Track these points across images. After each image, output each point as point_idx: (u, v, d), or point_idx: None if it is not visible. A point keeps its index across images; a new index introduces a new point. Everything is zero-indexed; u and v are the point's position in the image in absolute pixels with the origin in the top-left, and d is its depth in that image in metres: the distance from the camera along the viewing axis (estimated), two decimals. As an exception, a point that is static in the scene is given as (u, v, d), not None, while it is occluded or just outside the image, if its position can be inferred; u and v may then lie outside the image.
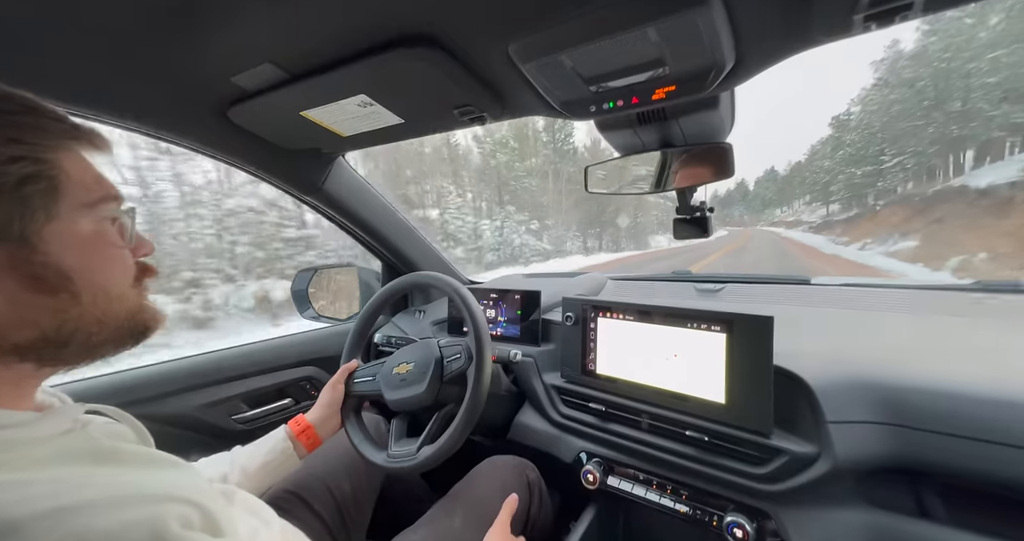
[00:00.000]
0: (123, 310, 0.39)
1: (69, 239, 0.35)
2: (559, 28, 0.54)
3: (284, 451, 0.77)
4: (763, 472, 0.73)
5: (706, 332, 0.82)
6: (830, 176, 78.35)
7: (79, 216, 0.36)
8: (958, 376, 0.67)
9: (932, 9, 0.47)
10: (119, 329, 0.39)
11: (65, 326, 0.35)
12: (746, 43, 0.57)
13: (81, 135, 0.38)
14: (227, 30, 0.59)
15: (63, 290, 0.35)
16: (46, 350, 0.35)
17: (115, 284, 0.39)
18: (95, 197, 0.38)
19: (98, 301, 0.37)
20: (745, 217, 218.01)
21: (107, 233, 0.39)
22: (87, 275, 0.36)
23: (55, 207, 0.34)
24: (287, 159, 1.02)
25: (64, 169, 0.35)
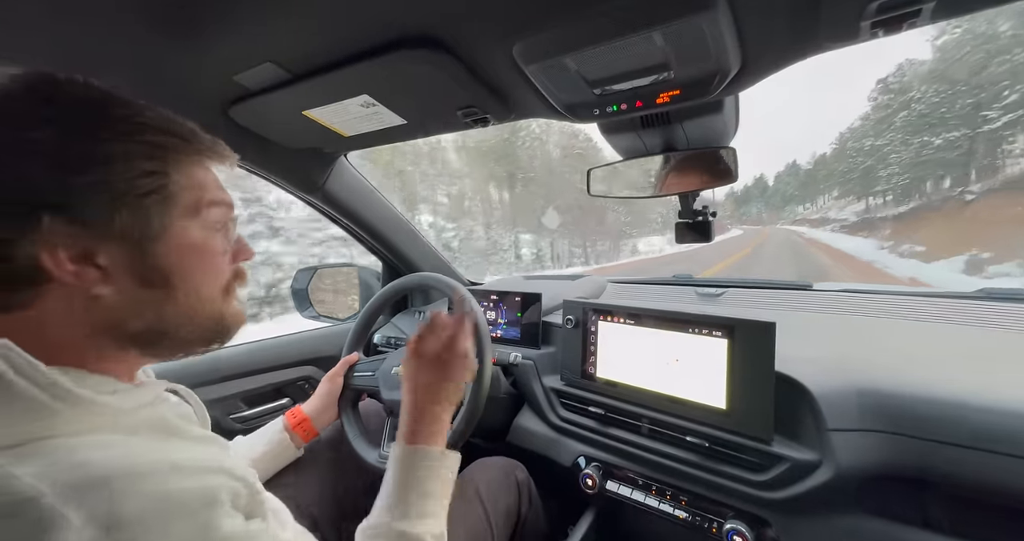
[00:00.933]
0: (210, 311, 0.43)
1: (176, 244, 0.39)
2: (564, 30, 0.54)
3: (281, 442, 0.79)
4: (763, 479, 0.73)
5: (707, 337, 0.81)
6: (874, 158, 62.97)
7: (189, 223, 0.40)
8: (962, 385, 0.67)
9: (940, 17, 0.47)
10: (206, 328, 0.43)
11: (163, 320, 0.40)
12: (751, 48, 0.56)
13: (204, 149, 0.42)
14: (229, 29, 0.59)
15: (163, 287, 0.39)
16: (148, 339, 0.40)
17: (207, 287, 0.42)
18: (204, 205, 0.41)
19: (190, 300, 0.41)
20: (764, 215, 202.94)
21: (211, 240, 0.42)
22: (185, 277, 0.40)
23: (170, 215, 0.38)
24: (289, 158, 1.01)
25: (182, 182, 0.39)
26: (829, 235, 46.06)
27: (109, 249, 0.36)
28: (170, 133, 0.39)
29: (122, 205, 0.35)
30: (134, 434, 0.36)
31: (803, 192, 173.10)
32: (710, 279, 1.40)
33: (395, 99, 0.73)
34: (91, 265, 0.35)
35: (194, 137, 0.41)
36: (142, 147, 0.37)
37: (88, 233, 0.35)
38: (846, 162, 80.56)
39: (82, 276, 0.35)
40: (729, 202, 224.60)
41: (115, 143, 0.35)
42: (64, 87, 0.36)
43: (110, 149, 0.35)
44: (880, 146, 61.88)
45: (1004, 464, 0.58)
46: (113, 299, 0.36)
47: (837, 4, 0.47)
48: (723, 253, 25.27)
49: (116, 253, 0.36)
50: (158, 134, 0.38)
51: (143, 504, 0.30)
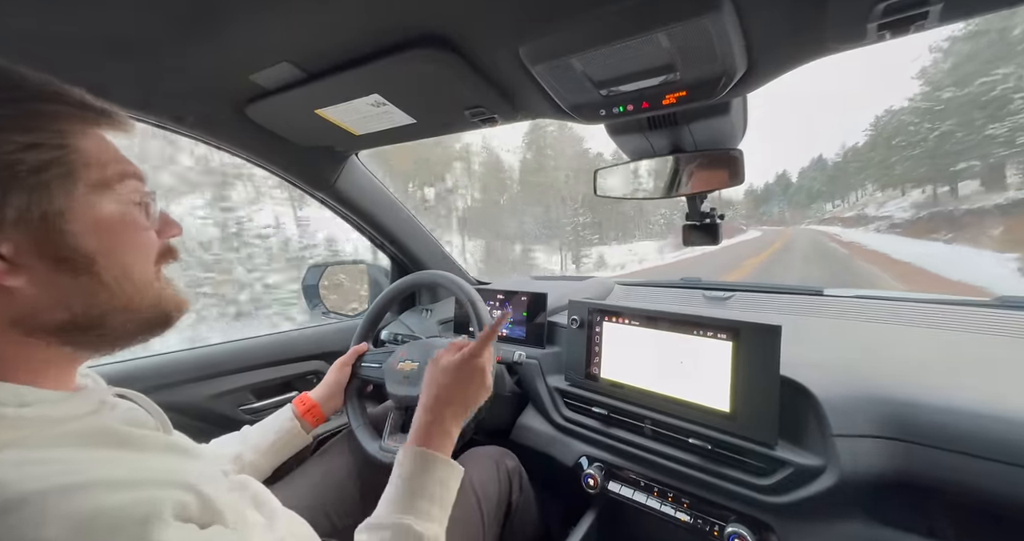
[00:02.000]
0: (147, 296, 0.40)
1: (91, 220, 0.36)
2: (570, 32, 0.54)
3: (291, 430, 0.81)
4: (766, 483, 0.72)
5: (712, 340, 0.81)
6: (935, 139, 48.90)
7: (100, 197, 0.37)
8: (971, 393, 0.65)
9: (948, 19, 0.47)
10: (145, 315, 0.40)
11: (93, 309, 0.36)
12: (758, 50, 0.57)
13: (100, 117, 0.38)
14: (248, 29, 0.61)
15: (87, 271, 0.36)
16: (79, 333, 0.37)
17: (138, 266, 0.39)
18: (113, 177, 0.38)
19: (122, 284, 0.38)
20: (786, 214, 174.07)
21: (130, 214, 0.39)
22: (109, 256, 0.37)
23: (74, 190, 0.35)
24: (301, 156, 1.04)
25: (82, 152, 0.36)
26: (876, 237, 32.73)
27: (9, 235, 0.32)
28: (59, 100, 0.35)
29: (12, 183, 0.32)
30: (59, 447, 0.32)
31: (832, 187, 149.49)
32: (718, 283, 1.40)
33: (404, 98, 0.75)
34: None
35: (86, 104, 0.37)
36: (26, 116, 0.33)
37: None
38: (883, 154, 67.64)
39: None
40: (747, 201, 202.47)
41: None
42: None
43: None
44: (930, 131, 50.31)
45: (1013, 475, 0.57)
46: (29, 291, 0.33)
47: (843, 6, 0.47)
48: (719, 267, 18.11)
49: (19, 238, 0.32)
50: (45, 102, 0.35)
51: (65, 526, 0.27)
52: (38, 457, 0.30)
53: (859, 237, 35.56)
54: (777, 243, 37.17)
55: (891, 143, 62.32)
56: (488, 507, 0.81)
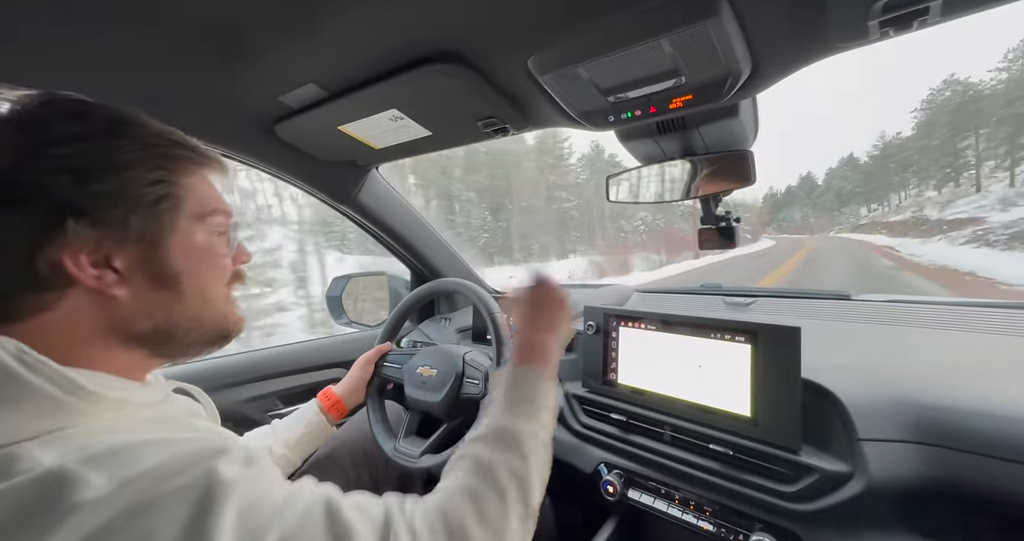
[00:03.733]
0: (215, 311, 0.46)
1: (185, 245, 0.43)
2: (575, 42, 0.57)
3: (319, 424, 0.86)
4: (792, 490, 0.70)
5: (731, 343, 0.80)
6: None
7: (195, 227, 0.44)
8: (1006, 396, 0.62)
9: (950, 15, 0.47)
10: (209, 329, 0.46)
11: (171, 320, 0.43)
12: (761, 52, 0.58)
13: (207, 161, 0.46)
14: (276, 54, 0.66)
15: (172, 288, 0.42)
16: (156, 340, 0.43)
17: (212, 286, 0.46)
18: (207, 211, 0.45)
19: (197, 301, 0.44)
20: (811, 220, 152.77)
21: (214, 242, 0.46)
22: (192, 276, 0.43)
23: (178, 220, 0.42)
24: (325, 171, 1.09)
25: (189, 189, 0.43)
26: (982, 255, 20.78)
27: (125, 252, 0.39)
28: (177, 145, 0.43)
29: (136, 210, 0.39)
30: (143, 424, 0.39)
31: (867, 188, 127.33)
32: (739, 288, 1.37)
33: (421, 112, 0.79)
34: (109, 268, 0.38)
35: (198, 150, 0.45)
36: (154, 158, 0.41)
37: (107, 237, 0.38)
38: (945, 133, 54.15)
39: (102, 278, 0.38)
40: (766, 206, 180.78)
41: (131, 154, 0.39)
42: (89, 107, 0.40)
43: (126, 159, 0.39)
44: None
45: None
46: (127, 300, 0.39)
47: (842, 5, 0.48)
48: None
49: (131, 256, 0.39)
50: (168, 147, 0.42)
51: (152, 462, 0.32)
52: (131, 427, 0.37)
53: (938, 252, 22.31)
54: (793, 259, 25.35)
55: (957, 121, 48.27)
56: None
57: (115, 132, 0.39)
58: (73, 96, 0.40)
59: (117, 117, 0.40)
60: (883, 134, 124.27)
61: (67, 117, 0.38)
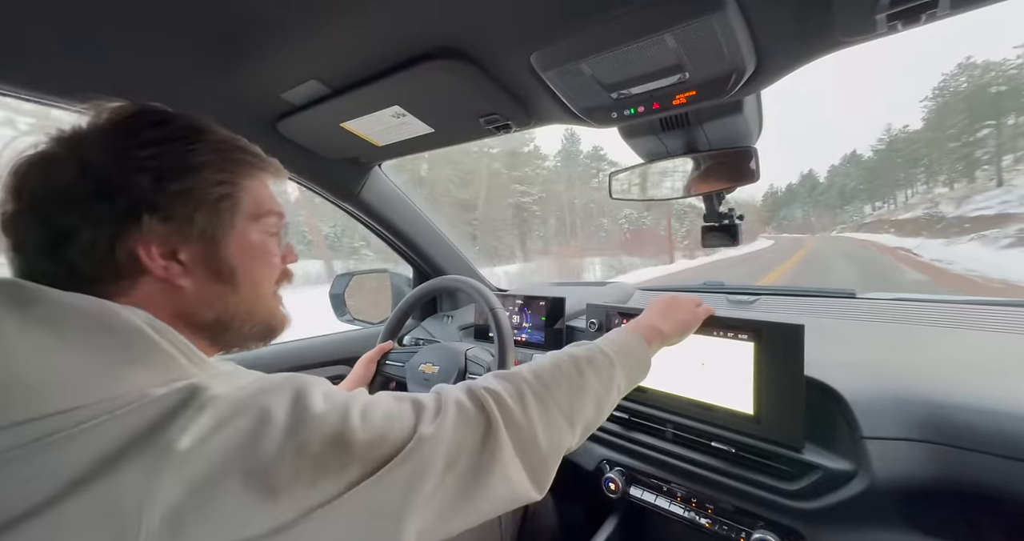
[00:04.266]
0: (264, 307, 0.50)
1: (242, 243, 0.46)
2: (578, 37, 0.56)
3: None
4: (794, 488, 0.70)
5: (733, 341, 0.80)
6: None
7: (251, 226, 0.47)
8: (1012, 395, 0.62)
9: (959, 8, 0.46)
10: (259, 322, 0.49)
11: (227, 311, 0.46)
12: (766, 47, 0.57)
13: (266, 167, 0.49)
14: (278, 51, 0.66)
15: (229, 282, 0.45)
16: (216, 329, 0.46)
17: (263, 283, 0.49)
18: (263, 213, 0.48)
19: (249, 295, 0.47)
20: (812, 218, 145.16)
21: (267, 242, 0.49)
22: (247, 272, 0.46)
23: (236, 218, 0.45)
24: (328, 169, 1.09)
25: (249, 191, 0.46)
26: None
27: (190, 246, 0.42)
28: (240, 150, 0.47)
29: (201, 208, 0.42)
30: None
31: (871, 185, 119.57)
32: (743, 286, 1.36)
33: (423, 108, 0.79)
34: (175, 260, 0.42)
35: (257, 156, 0.49)
36: (221, 161, 0.44)
37: (175, 232, 0.41)
38: (963, 120, 49.80)
39: (169, 269, 0.41)
40: (766, 205, 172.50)
41: (202, 157, 0.43)
42: (170, 116, 0.44)
43: (198, 161, 0.43)
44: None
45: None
46: (191, 290, 0.43)
47: None
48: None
49: (195, 250, 0.43)
50: (232, 152, 0.46)
51: (255, 378, 0.38)
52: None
53: (974, 256, 17.21)
54: (784, 266, 20.75)
55: (975, 108, 41.53)
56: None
57: (190, 137, 0.43)
58: (159, 107, 0.44)
59: (193, 124, 0.44)
60: (889, 127, 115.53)
61: (152, 124, 0.42)
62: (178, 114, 0.44)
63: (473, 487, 0.42)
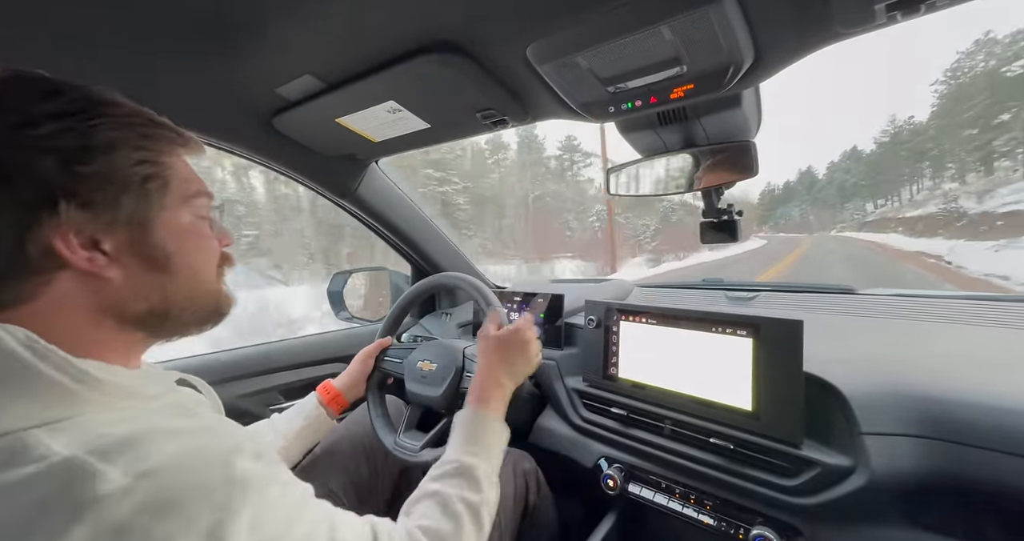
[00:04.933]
0: (206, 291, 0.47)
1: (173, 227, 0.43)
2: (574, 30, 0.56)
3: (319, 417, 0.85)
4: (793, 484, 0.70)
5: (732, 336, 0.79)
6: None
7: (181, 209, 0.44)
8: (1012, 390, 0.62)
9: None
10: (202, 308, 0.47)
11: (166, 301, 0.43)
12: (764, 39, 0.56)
13: (186, 142, 0.46)
14: (273, 46, 0.65)
15: (165, 269, 0.42)
16: (152, 321, 0.43)
17: (203, 268, 0.46)
18: (192, 193, 0.45)
19: (189, 281, 0.44)
20: (811, 217, 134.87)
21: (200, 225, 0.46)
22: (183, 258, 0.43)
23: (166, 200, 0.42)
24: (325, 165, 1.09)
25: (174, 169, 0.43)
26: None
27: (115, 233, 0.38)
28: (155, 124, 0.43)
29: (126, 191, 0.39)
30: (155, 413, 0.39)
31: (874, 180, 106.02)
32: (742, 283, 1.36)
33: (418, 104, 0.78)
34: (98, 250, 0.38)
35: (176, 131, 0.44)
36: (137, 138, 0.40)
37: (97, 218, 0.37)
38: (984, 101, 44.73)
39: (93, 261, 0.37)
40: (762, 203, 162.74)
41: (113, 133, 0.38)
42: (57, 85, 0.38)
43: (109, 139, 0.38)
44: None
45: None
46: (120, 282, 0.39)
47: None
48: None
49: (122, 237, 0.39)
50: (147, 126, 0.42)
51: (167, 455, 0.32)
52: (143, 415, 0.38)
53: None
54: (776, 268, 17.50)
55: (996, 87, 37.70)
56: (504, 508, 0.81)
57: (90, 111, 0.38)
58: (39, 74, 0.38)
59: (91, 96, 0.39)
60: (893, 118, 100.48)
61: (41, 96, 0.37)
62: (67, 83, 0.38)
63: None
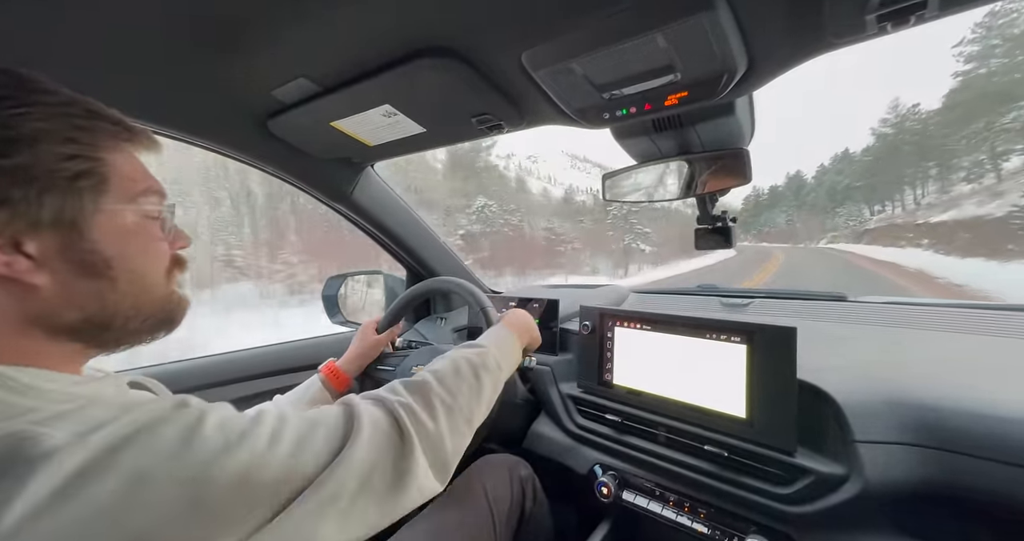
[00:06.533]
0: (155, 298, 0.43)
1: (113, 229, 0.39)
2: (569, 36, 0.56)
3: (325, 400, 0.86)
4: (787, 492, 0.69)
5: (726, 343, 0.79)
6: None
7: (124, 209, 0.40)
8: (1005, 398, 0.62)
9: (949, 9, 0.46)
10: (151, 316, 0.43)
11: (105, 310, 0.39)
12: (757, 47, 0.57)
13: (133, 136, 0.42)
14: (268, 48, 0.65)
15: (104, 275, 0.38)
16: (90, 331, 0.39)
17: (150, 273, 0.42)
18: (138, 192, 0.41)
19: (133, 288, 0.40)
20: (797, 225, 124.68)
21: (147, 226, 0.42)
22: (125, 262, 0.40)
23: (103, 199, 0.38)
24: (320, 169, 1.08)
25: (114, 166, 0.39)
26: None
27: (40, 235, 0.35)
28: (96, 116, 0.39)
29: (52, 188, 0.35)
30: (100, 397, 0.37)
31: (872, 180, 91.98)
32: (736, 289, 1.36)
33: (414, 108, 0.78)
34: (20, 253, 0.34)
35: (120, 123, 0.40)
36: (70, 129, 0.36)
37: (16, 218, 0.33)
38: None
39: (13, 265, 0.34)
40: (746, 208, 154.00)
41: (41, 123, 0.34)
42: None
43: (35, 129, 0.34)
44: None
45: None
46: (49, 289, 0.35)
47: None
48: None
49: (48, 240, 0.35)
50: (86, 117, 0.38)
51: (111, 412, 0.31)
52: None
53: None
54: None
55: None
56: (500, 515, 0.81)
57: (14, 98, 0.34)
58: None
59: (19, 81, 0.35)
60: (896, 103, 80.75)
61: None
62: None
63: (388, 500, 0.42)
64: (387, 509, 0.43)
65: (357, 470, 0.40)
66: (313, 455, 0.38)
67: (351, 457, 0.39)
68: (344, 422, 0.43)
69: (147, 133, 0.43)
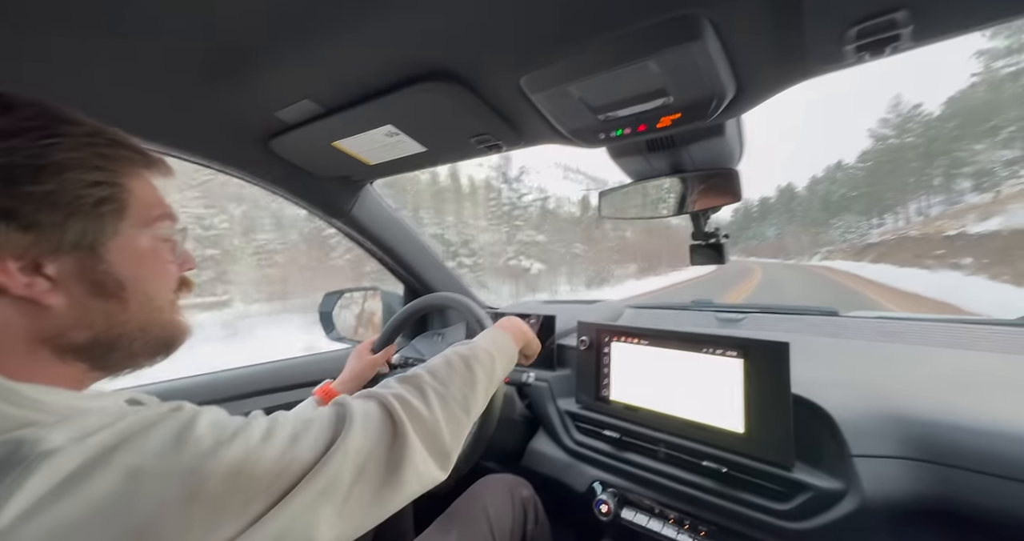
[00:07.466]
0: (160, 320, 0.44)
1: (129, 252, 0.40)
2: (566, 62, 0.59)
3: None
4: (786, 508, 0.69)
5: (723, 357, 0.80)
6: None
7: (139, 232, 0.42)
8: (1002, 413, 0.63)
9: (922, 41, 0.49)
10: (155, 338, 0.44)
11: (113, 330, 0.40)
12: (744, 74, 0.60)
13: (151, 163, 0.44)
14: (274, 71, 0.67)
15: (116, 296, 0.40)
16: (97, 352, 0.40)
17: (159, 295, 0.44)
18: (154, 217, 0.43)
19: (142, 309, 0.42)
20: (787, 238, 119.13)
21: (160, 249, 0.44)
22: (138, 284, 0.41)
23: (122, 224, 0.40)
24: (320, 186, 1.10)
25: (133, 192, 0.41)
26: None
27: (60, 258, 0.36)
28: (117, 145, 0.41)
29: (75, 213, 0.36)
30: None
31: (869, 189, 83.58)
32: (730, 305, 1.38)
33: (415, 128, 0.80)
34: (40, 275, 0.35)
35: (140, 151, 0.43)
36: (95, 158, 0.38)
37: (40, 242, 0.35)
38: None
39: (33, 286, 0.35)
40: (735, 222, 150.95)
41: (68, 153, 0.36)
42: (15, 102, 0.36)
43: (63, 158, 0.36)
44: None
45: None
46: (63, 309, 0.37)
47: (819, 31, 0.50)
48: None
49: (68, 262, 0.37)
50: (107, 146, 0.40)
51: (108, 419, 0.32)
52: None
53: None
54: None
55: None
56: (501, 536, 0.80)
57: (45, 129, 0.36)
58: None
59: (47, 112, 0.37)
60: (898, 100, 71.16)
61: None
62: (25, 99, 0.36)
63: (386, 488, 0.43)
64: (385, 497, 0.43)
65: (352, 459, 0.40)
66: (307, 448, 0.39)
67: (345, 447, 0.40)
68: (337, 418, 0.44)
69: (163, 161, 0.45)
